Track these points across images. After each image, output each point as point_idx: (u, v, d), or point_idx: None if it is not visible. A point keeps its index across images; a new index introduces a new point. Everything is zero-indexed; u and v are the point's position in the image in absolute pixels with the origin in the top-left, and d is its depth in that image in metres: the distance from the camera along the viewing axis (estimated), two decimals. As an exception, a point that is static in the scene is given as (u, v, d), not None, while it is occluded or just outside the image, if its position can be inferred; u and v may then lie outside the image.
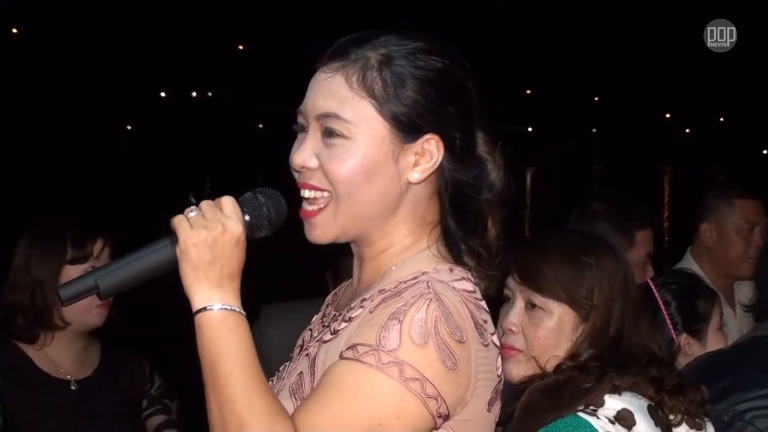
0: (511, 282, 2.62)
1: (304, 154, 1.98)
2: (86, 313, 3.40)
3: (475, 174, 2.04)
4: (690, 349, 3.44)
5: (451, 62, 2.01)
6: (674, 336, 3.44)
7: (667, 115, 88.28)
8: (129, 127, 57.05)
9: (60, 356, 3.47)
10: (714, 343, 3.48)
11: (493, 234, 2.08)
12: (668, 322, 3.46)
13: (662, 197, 32.77)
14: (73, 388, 3.46)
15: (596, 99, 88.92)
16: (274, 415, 1.78)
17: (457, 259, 2.03)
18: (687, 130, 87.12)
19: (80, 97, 55.63)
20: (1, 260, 3.51)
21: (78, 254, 3.38)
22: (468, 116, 2.04)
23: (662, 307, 3.48)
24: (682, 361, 3.34)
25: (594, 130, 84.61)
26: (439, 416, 1.83)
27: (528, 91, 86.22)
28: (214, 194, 1.96)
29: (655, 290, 3.53)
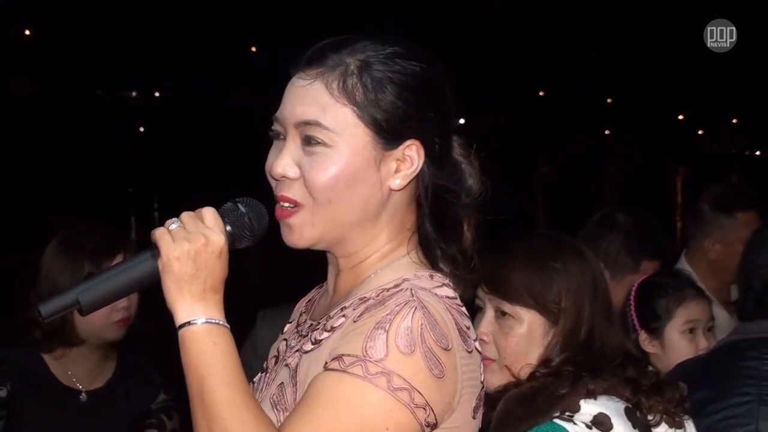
0: (480, 291, 2.62)
1: (284, 163, 1.96)
2: (103, 329, 3.39)
3: (454, 179, 2.03)
4: (650, 348, 3.45)
5: (428, 66, 2.00)
6: (637, 333, 3.46)
7: (681, 117, 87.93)
8: (141, 129, 57.09)
9: (75, 367, 3.46)
10: (678, 345, 3.46)
11: (468, 238, 2.07)
12: (633, 318, 3.49)
13: (675, 198, 32.65)
14: (82, 398, 3.46)
15: (609, 101, 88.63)
16: (263, 429, 1.78)
17: (434, 265, 2.03)
18: (700, 132, 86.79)
19: (86, 97, 55.69)
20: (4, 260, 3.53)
21: (94, 270, 3.35)
22: (446, 120, 2.03)
23: (632, 304, 3.50)
24: (652, 361, 3.33)
25: (607, 132, 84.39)
26: (428, 425, 1.83)
27: (541, 93, 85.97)
28: (201, 205, 1.95)
29: (634, 287, 3.56)
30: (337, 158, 1.93)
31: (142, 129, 56.51)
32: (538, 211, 27.25)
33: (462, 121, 2.12)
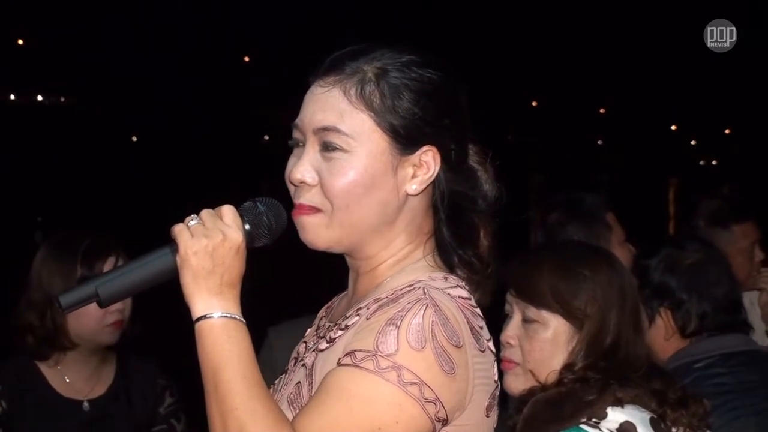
0: (509, 296, 2.72)
1: (303, 168, 2.03)
2: (97, 332, 3.37)
3: (470, 185, 2.12)
4: None
5: (444, 74, 2.08)
6: None
7: (673, 127, 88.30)
8: (134, 138, 57.12)
9: (74, 374, 3.44)
10: None
11: (485, 245, 2.15)
12: None
13: (668, 209, 32.79)
14: (85, 408, 3.44)
15: (602, 111, 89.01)
16: (276, 422, 1.82)
17: (451, 270, 2.09)
18: (693, 142, 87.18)
19: (89, 105, 55.79)
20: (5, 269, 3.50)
21: (87, 273, 3.35)
22: (462, 127, 2.11)
23: None
24: None
25: (600, 143, 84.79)
26: (438, 421, 1.88)
27: (534, 103, 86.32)
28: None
29: None
30: (355, 163, 1.99)
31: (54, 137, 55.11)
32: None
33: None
